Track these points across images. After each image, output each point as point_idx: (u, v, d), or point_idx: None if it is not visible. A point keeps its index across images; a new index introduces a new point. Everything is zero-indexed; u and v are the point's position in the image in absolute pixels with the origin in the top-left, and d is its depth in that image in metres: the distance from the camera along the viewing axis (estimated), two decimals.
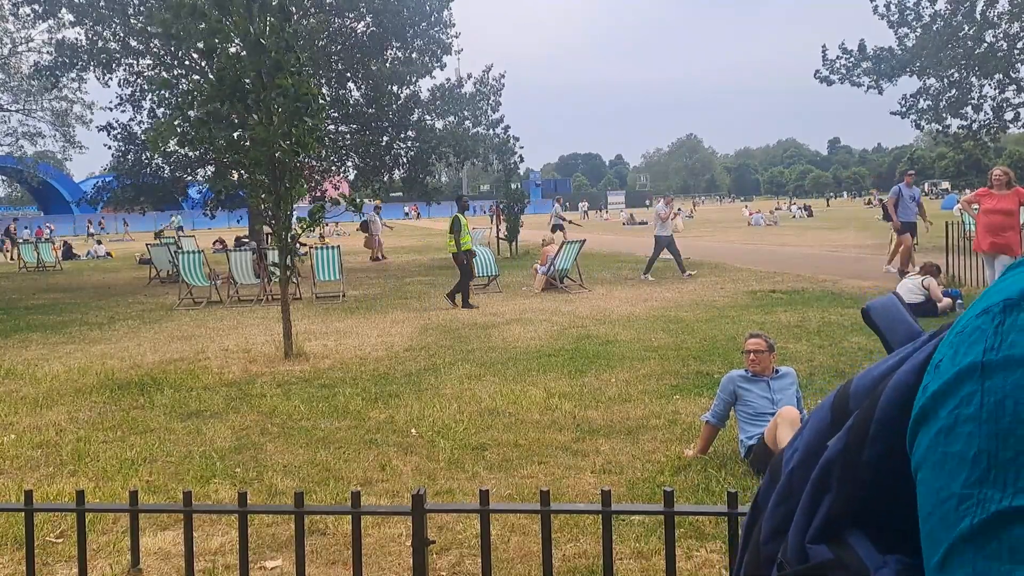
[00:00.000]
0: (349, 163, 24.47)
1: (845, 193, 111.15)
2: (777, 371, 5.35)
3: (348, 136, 23.38)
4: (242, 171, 9.12)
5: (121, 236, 49.83)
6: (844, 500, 0.64)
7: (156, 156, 21.69)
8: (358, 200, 10.29)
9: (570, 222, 30.64)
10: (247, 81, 8.77)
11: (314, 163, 21.65)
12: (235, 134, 9.31)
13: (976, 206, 10.86)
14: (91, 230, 49.90)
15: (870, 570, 0.59)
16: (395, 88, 21.77)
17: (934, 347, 0.59)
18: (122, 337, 11.27)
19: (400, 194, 28.42)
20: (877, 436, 0.62)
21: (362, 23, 21.78)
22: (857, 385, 0.70)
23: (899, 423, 0.58)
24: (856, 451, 0.63)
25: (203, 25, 8.68)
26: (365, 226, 26.04)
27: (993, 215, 10.27)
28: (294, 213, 9.53)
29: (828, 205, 69.66)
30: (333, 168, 24.53)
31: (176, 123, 9.62)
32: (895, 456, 0.58)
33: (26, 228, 46.75)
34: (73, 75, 22.34)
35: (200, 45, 9.15)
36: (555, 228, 27.78)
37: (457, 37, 22.55)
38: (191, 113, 9.14)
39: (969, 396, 0.51)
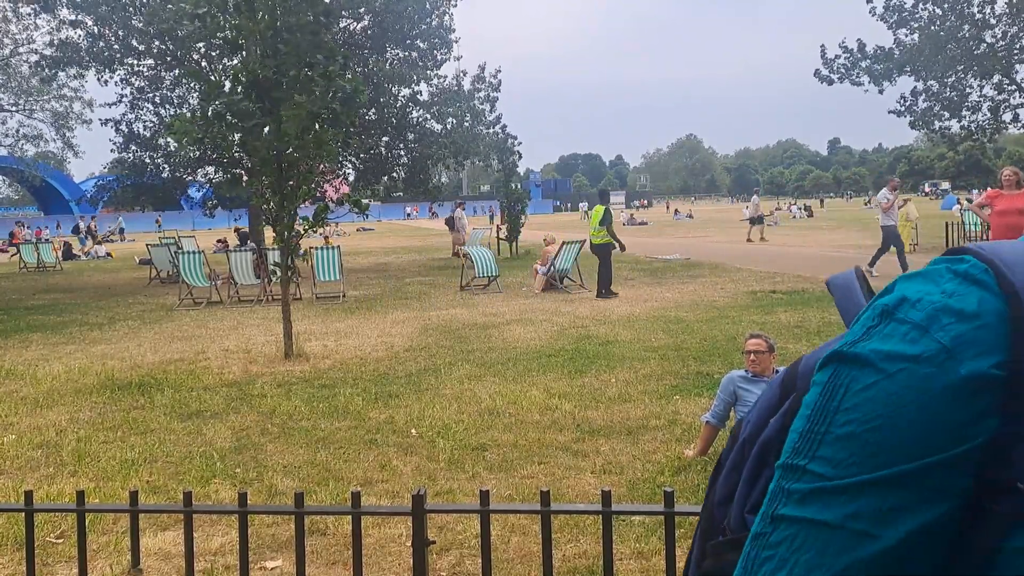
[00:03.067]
0: (348, 166, 24.43)
1: (847, 194, 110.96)
2: (777, 372, 5.34)
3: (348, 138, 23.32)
4: (244, 172, 9.09)
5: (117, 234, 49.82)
6: None
7: (158, 156, 21.66)
8: (362, 201, 10.24)
9: (767, 213, 30.27)
10: (271, 78, 8.77)
11: (326, 166, 21.61)
12: (249, 125, 9.26)
13: (988, 208, 10.76)
14: (110, 227, 49.77)
15: None
16: (395, 89, 21.72)
17: None
18: (122, 337, 11.27)
19: (401, 194, 28.34)
20: None
21: (360, 24, 21.74)
22: (805, 364, 0.75)
23: None
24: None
25: (232, 20, 8.72)
26: (451, 222, 26.13)
27: (1009, 215, 10.20)
28: (298, 213, 9.49)
29: (822, 205, 69.88)
30: (333, 169, 24.46)
31: (192, 120, 9.54)
32: None
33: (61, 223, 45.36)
34: (73, 72, 22.28)
35: (217, 41, 9.20)
36: (754, 221, 27.78)
37: (457, 42, 22.47)
38: (208, 111, 9.10)
39: (819, 380, 0.60)
